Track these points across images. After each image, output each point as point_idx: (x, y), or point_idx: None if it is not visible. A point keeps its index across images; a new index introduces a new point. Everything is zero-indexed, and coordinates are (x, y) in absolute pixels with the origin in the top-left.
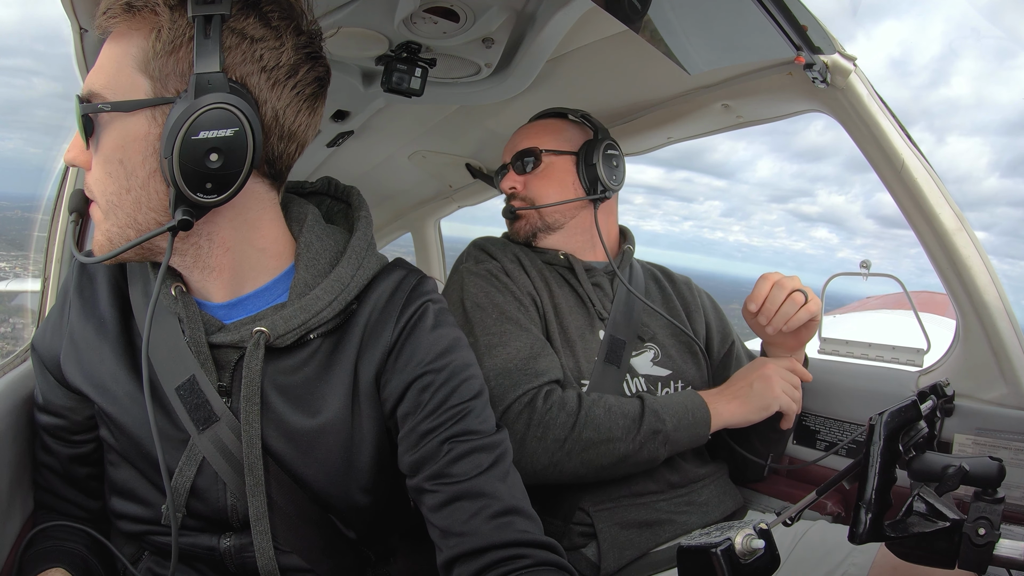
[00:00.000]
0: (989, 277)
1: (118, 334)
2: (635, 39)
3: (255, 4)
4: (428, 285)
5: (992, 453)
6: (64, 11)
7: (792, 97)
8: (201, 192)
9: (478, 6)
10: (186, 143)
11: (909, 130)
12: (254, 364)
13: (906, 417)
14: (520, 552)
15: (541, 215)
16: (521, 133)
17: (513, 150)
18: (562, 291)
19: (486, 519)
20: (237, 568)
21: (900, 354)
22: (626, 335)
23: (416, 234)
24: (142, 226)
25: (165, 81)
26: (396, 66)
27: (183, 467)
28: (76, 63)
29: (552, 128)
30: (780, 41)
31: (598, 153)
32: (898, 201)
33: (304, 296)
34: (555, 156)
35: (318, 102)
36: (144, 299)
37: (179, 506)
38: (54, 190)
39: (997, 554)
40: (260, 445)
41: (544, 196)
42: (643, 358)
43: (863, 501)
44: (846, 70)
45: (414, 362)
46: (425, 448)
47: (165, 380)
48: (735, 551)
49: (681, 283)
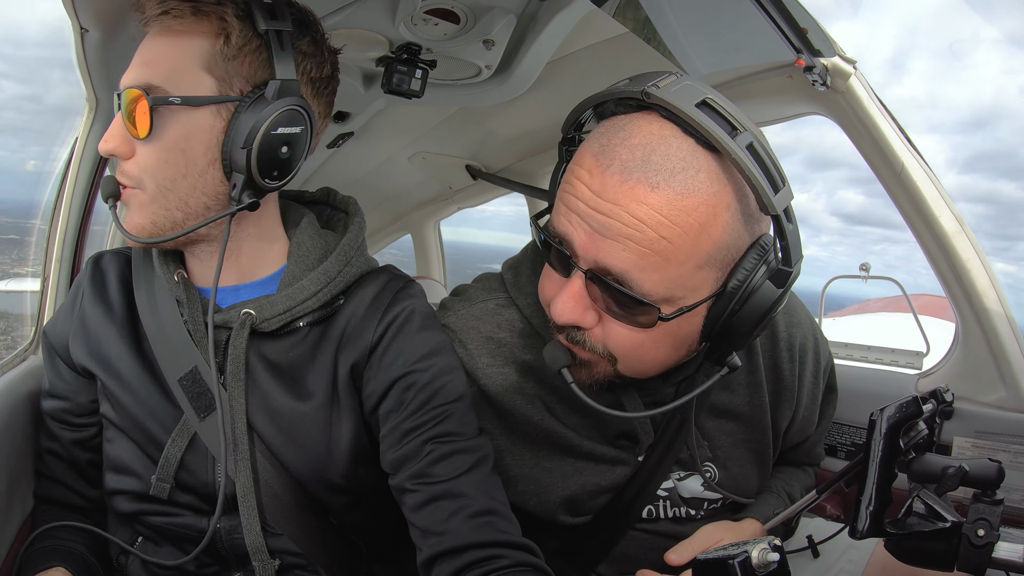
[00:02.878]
0: (989, 280)
1: (124, 319)
2: (636, 41)
3: (306, 25)
4: (415, 289)
5: (991, 456)
6: (65, 11)
7: (792, 100)
8: (268, 178)
9: (479, 8)
10: (266, 136)
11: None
12: (239, 342)
13: (907, 413)
14: (499, 552)
15: (622, 370)
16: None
17: (595, 248)
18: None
19: (465, 519)
20: (228, 551)
21: (899, 357)
22: (675, 451)
23: (416, 236)
24: (191, 209)
25: (231, 81)
26: (396, 67)
27: (175, 438)
28: (76, 62)
29: (700, 233)
30: (780, 44)
31: (771, 313)
32: (897, 204)
33: (291, 286)
34: (679, 316)
35: (332, 110)
36: (147, 282)
37: (168, 476)
38: (53, 192)
39: (996, 556)
40: (245, 420)
41: (644, 360)
42: (692, 482)
43: (864, 496)
44: (846, 73)
45: (399, 362)
46: (407, 447)
47: (168, 371)
48: (751, 563)
49: (785, 345)
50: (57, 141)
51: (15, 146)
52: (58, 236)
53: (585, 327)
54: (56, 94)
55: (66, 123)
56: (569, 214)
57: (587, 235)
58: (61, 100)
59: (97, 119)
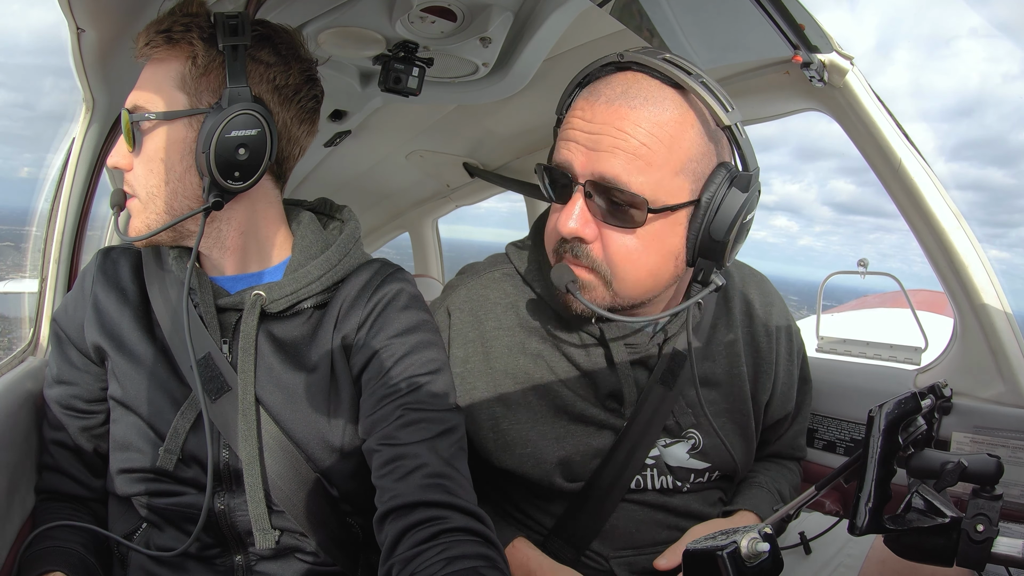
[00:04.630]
0: (987, 275)
1: (138, 305)
2: (632, 37)
3: (268, 37)
4: (404, 275)
5: (990, 451)
6: (61, 12)
7: (789, 96)
8: (231, 179)
9: (475, 5)
10: (221, 139)
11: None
12: (251, 320)
13: (906, 409)
14: (445, 514)
15: (616, 291)
16: (607, 131)
17: (590, 163)
18: (574, 384)
19: (419, 478)
20: (229, 530)
21: (898, 352)
22: (661, 418)
23: (414, 234)
24: (176, 211)
25: (199, 96)
26: (393, 65)
27: (184, 411)
28: (73, 63)
29: (673, 142)
30: (777, 40)
31: (741, 209)
32: (895, 199)
33: (296, 272)
34: (664, 213)
35: (316, 115)
36: (158, 277)
37: (175, 447)
38: (50, 194)
39: (995, 552)
40: (253, 393)
41: (633, 277)
42: (678, 448)
43: (863, 492)
44: (843, 69)
45: (383, 335)
46: (380, 411)
47: (181, 356)
48: (741, 554)
49: (761, 322)
50: (51, 148)
51: (9, 153)
52: (56, 237)
53: (587, 240)
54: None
55: (59, 130)
56: (567, 143)
57: (584, 154)
58: (54, 107)
59: (94, 120)
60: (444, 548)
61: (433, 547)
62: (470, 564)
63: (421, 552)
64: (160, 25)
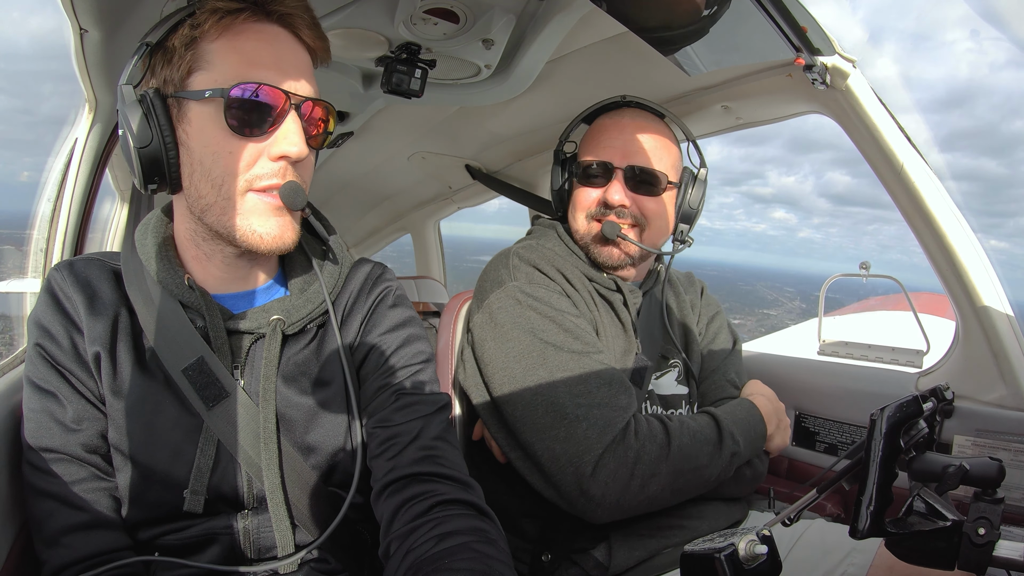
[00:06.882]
0: (989, 278)
1: (117, 315)
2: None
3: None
4: (389, 274)
5: (992, 454)
6: (64, 13)
7: (792, 98)
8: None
9: (478, 7)
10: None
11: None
12: (273, 347)
13: (908, 412)
14: (437, 486)
15: (644, 239)
16: (634, 140)
17: (626, 158)
18: (607, 316)
19: (412, 451)
20: (252, 550)
21: (900, 355)
22: (652, 357)
23: (416, 235)
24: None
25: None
26: (396, 67)
27: (203, 447)
28: (75, 63)
29: (669, 148)
30: (780, 43)
31: (702, 193)
32: (897, 202)
33: (305, 291)
34: (672, 188)
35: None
36: (139, 286)
37: (202, 488)
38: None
39: (997, 555)
40: (275, 421)
41: (659, 229)
42: (668, 378)
43: (864, 496)
44: (845, 72)
45: (376, 331)
46: (378, 399)
47: (171, 364)
48: (738, 556)
49: (697, 288)
50: (51, 152)
51: (9, 158)
52: (59, 235)
53: (627, 206)
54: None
55: (60, 134)
56: (605, 148)
57: (620, 151)
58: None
59: (97, 120)
60: (437, 523)
61: (427, 522)
62: (462, 540)
63: (416, 528)
64: None
